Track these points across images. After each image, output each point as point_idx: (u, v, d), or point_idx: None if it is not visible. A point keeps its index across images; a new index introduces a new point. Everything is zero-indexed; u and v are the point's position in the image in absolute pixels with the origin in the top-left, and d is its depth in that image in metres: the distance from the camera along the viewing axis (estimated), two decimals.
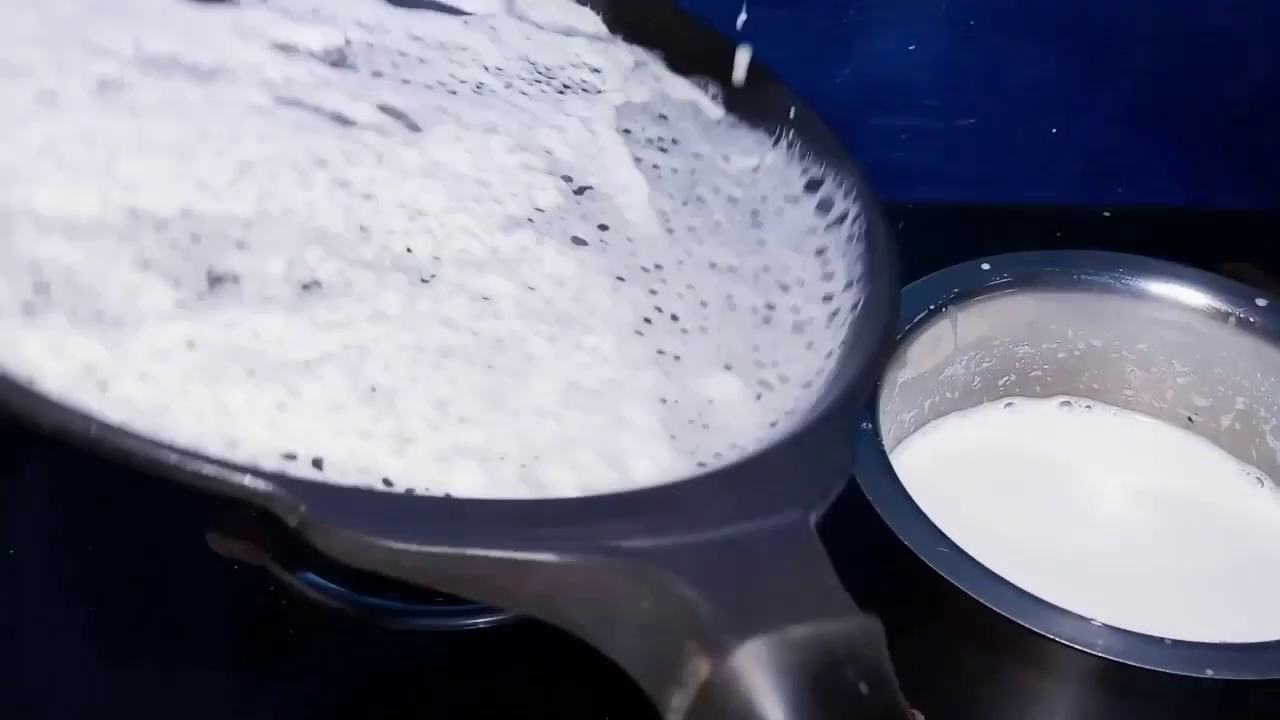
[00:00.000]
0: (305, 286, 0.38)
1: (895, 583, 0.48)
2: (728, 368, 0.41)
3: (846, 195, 0.48)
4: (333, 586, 0.52)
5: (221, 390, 0.34)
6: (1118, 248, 0.56)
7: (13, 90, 0.40)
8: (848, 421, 0.38)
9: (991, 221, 0.59)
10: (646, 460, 0.36)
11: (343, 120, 0.44)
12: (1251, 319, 0.53)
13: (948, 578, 0.43)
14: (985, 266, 0.55)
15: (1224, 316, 0.54)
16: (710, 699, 0.27)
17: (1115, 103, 0.69)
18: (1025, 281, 0.55)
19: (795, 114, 0.51)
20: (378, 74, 0.47)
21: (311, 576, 0.52)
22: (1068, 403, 0.57)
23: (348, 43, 0.48)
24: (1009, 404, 0.57)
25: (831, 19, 0.67)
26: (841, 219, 0.48)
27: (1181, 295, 0.54)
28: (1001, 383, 0.57)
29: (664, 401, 0.39)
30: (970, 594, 0.43)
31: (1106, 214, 0.73)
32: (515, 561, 0.29)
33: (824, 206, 0.49)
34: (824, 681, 0.27)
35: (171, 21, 0.46)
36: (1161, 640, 0.42)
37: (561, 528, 0.30)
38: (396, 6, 0.51)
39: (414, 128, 0.45)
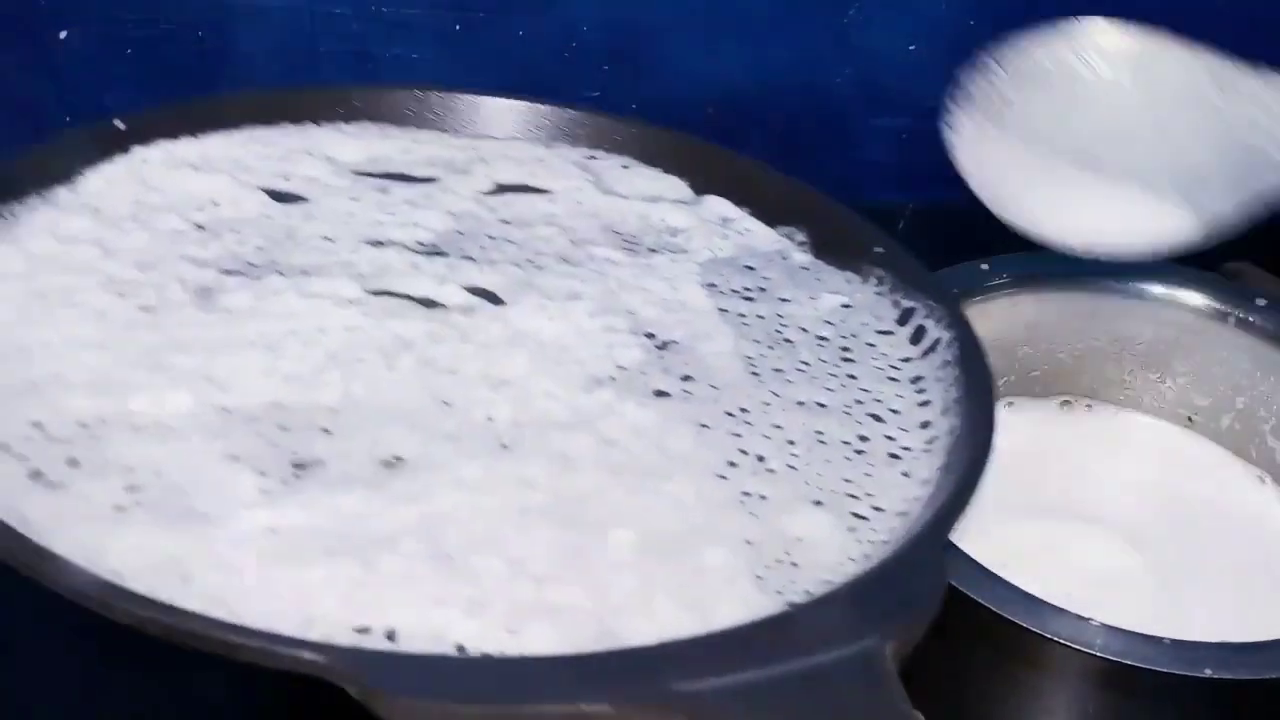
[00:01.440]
0: (386, 464, 0.39)
1: None
2: (817, 503, 0.40)
3: (939, 322, 0.47)
4: None
5: (299, 571, 0.34)
6: None
7: (118, 306, 0.43)
8: (939, 547, 0.37)
9: (991, 221, 0.58)
10: (730, 604, 0.36)
11: (431, 304, 0.46)
12: (1251, 319, 0.54)
13: (947, 579, 0.41)
14: (985, 266, 0.56)
15: (1224, 316, 0.54)
16: None
17: None
18: (1025, 281, 0.55)
19: (882, 251, 0.51)
20: (467, 258, 0.49)
21: None
22: (1068, 402, 0.56)
23: (438, 233, 0.50)
24: (1009, 404, 0.56)
25: (831, 19, 0.67)
26: (934, 346, 0.47)
27: (1181, 295, 0.54)
28: (1001, 383, 0.56)
29: (749, 543, 0.38)
30: (970, 594, 0.43)
31: None
32: (572, 714, 0.28)
33: (917, 336, 0.48)
34: None
35: (269, 229, 0.48)
36: (1161, 640, 0.42)
37: (620, 676, 0.30)
38: (486, 195, 0.53)
39: (500, 303, 0.47)
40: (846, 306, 0.50)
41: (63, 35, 0.63)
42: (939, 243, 0.62)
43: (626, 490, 0.39)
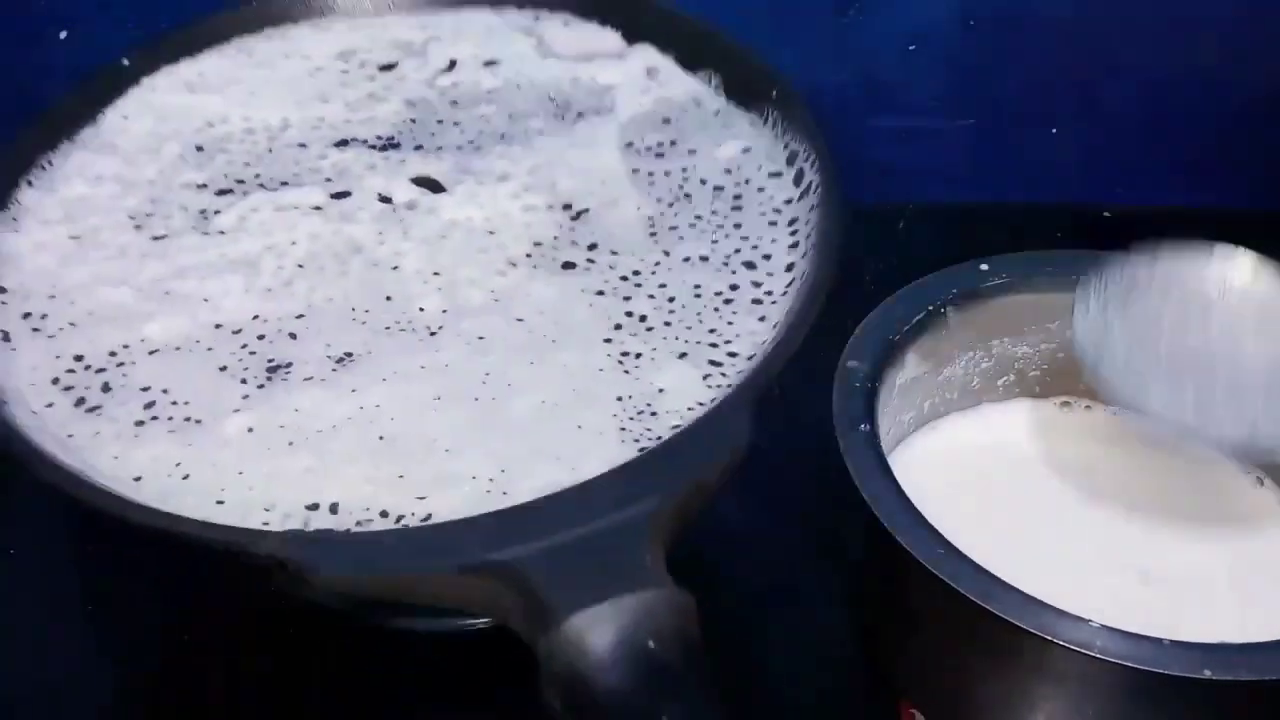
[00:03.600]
0: (340, 360, 0.49)
1: (893, 585, 0.50)
2: (682, 355, 0.49)
3: (812, 166, 0.54)
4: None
5: (268, 463, 0.46)
6: (1118, 248, 0.54)
7: (135, 241, 0.54)
8: (742, 408, 0.44)
9: (991, 221, 0.58)
10: (595, 457, 0.46)
11: (384, 199, 0.56)
12: None
13: (946, 580, 0.43)
14: (985, 267, 0.55)
15: None
16: (549, 663, 0.37)
17: (1115, 103, 0.68)
18: (1025, 281, 0.55)
19: (778, 93, 0.57)
20: (418, 147, 0.58)
21: None
22: (1067, 403, 0.56)
23: (394, 125, 0.59)
24: (1008, 404, 0.57)
25: (831, 19, 0.68)
26: (809, 189, 0.54)
27: None
28: (1001, 383, 0.56)
29: (619, 399, 0.48)
30: (968, 596, 0.43)
31: (1106, 214, 0.72)
32: (418, 578, 0.40)
33: (799, 178, 0.55)
34: (632, 645, 0.36)
35: (253, 145, 0.58)
36: (1160, 641, 0.41)
37: (453, 548, 0.40)
38: (439, 74, 0.61)
39: (440, 190, 0.56)
40: (746, 151, 0.57)
41: (63, 35, 0.66)
42: (939, 243, 0.64)
43: (527, 364, 0.49)
